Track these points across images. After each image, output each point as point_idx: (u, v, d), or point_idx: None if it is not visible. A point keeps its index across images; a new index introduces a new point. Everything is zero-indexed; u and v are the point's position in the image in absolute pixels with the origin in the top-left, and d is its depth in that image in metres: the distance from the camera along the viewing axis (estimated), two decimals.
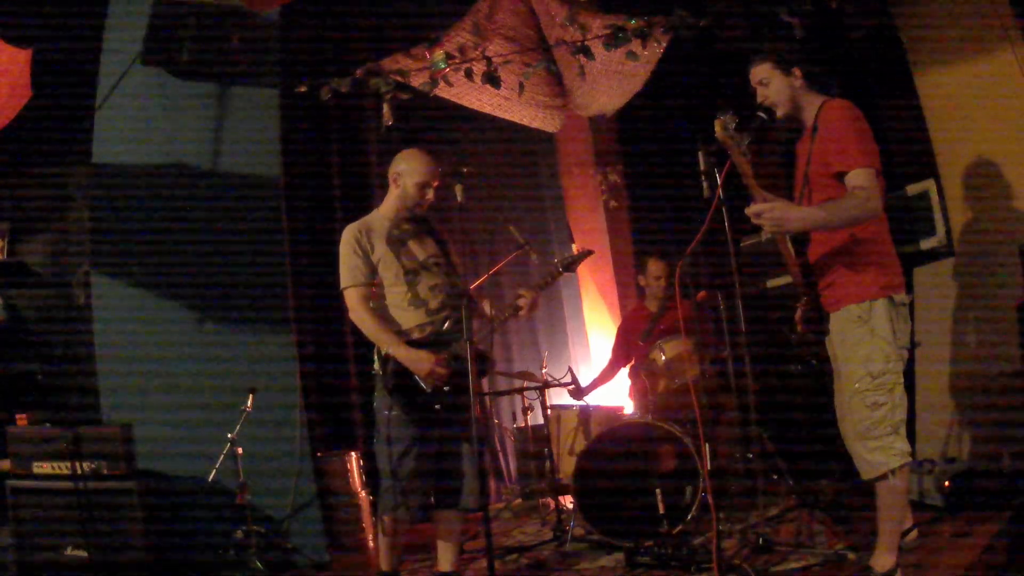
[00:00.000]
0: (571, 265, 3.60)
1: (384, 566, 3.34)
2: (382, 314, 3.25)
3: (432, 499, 3.30)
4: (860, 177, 2.72)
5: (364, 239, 3.26)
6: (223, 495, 3.95)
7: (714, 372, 4.56)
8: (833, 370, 2.99)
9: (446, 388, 3.18)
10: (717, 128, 2.71)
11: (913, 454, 2.85)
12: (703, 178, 2.98)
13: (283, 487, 4.27)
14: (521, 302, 3.40)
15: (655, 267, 4.90)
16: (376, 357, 3.25)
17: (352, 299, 3.23)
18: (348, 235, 3.27)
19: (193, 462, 4.04)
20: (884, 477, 2.74)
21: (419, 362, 3.14)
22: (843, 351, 2.86)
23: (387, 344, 3.17)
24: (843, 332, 2.84)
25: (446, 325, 3.28)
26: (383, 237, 3.29)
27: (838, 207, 2.73)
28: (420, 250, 3.36)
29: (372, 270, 3.25)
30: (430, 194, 3.37)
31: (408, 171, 3.35)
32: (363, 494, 4.51)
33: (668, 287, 4.79)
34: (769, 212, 2.69)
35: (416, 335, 3.23)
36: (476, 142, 6.03)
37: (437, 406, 3.18)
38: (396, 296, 3.27)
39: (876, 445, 2.75)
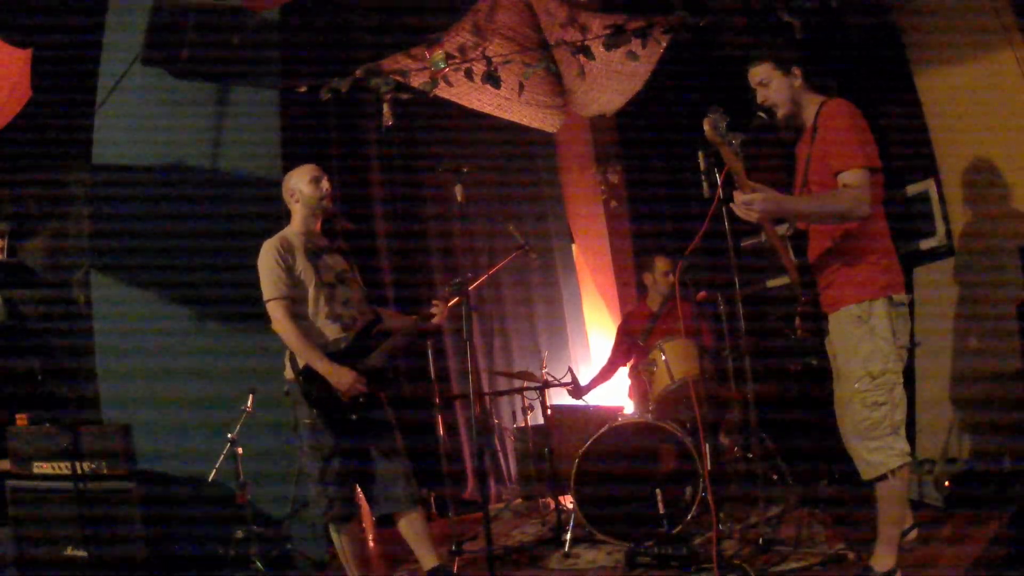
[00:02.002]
0: (455, 295, 3.47)
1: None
2: (304, 327, 3.27)
3: (351, 502, 3.36)
4: (852, 176, 2.73)
5: (286, 253, 3.29)
6: (223, 495, 3.95)
7: (714, 372, 4.55)
8: (833, 370, 2.99)
9: (361, 400, 3.24)
10: (706, 127, 2.71)
11: (913, 454, 2.85)
12: (703, 178, 2.99)
13: (283, 487, 4.27)
14: (435, 310, 3.48)
15: (663, 263, 4.90)
16: (290, 365, 3.27)
17: (276, 311, 3.25)
18: (269, 249, 3.30)
19: (193, 462, 4.04)
20: (884, 477, 2.74)
21: (340, 376, 3.19)
22: (843, 351, 2.85)
23: (310, 357, 3.20)
24: (843, 332, 2.84)
25: (357, 339, 3.34)
26: (301, 251, 3.33)
27: (820, 200, 2.77)
28: (334, 265, 3.42)
29: (294, 283, 3.28)
30: (325, 183, 3.43)
31: (296, 178, 3.44)
32: (363, 493, 4.50)
33: (671, 282, 4.81)
34: (759, 203, 2.70)
35: (332, 348, 3.27)
36: (476, 142, 6.03)
37: (353, 417, 3.23)
38: (315, 310, 3.31)
39: (876, 445, 2.75)
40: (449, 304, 3.53)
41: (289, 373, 3.29)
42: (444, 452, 4.83)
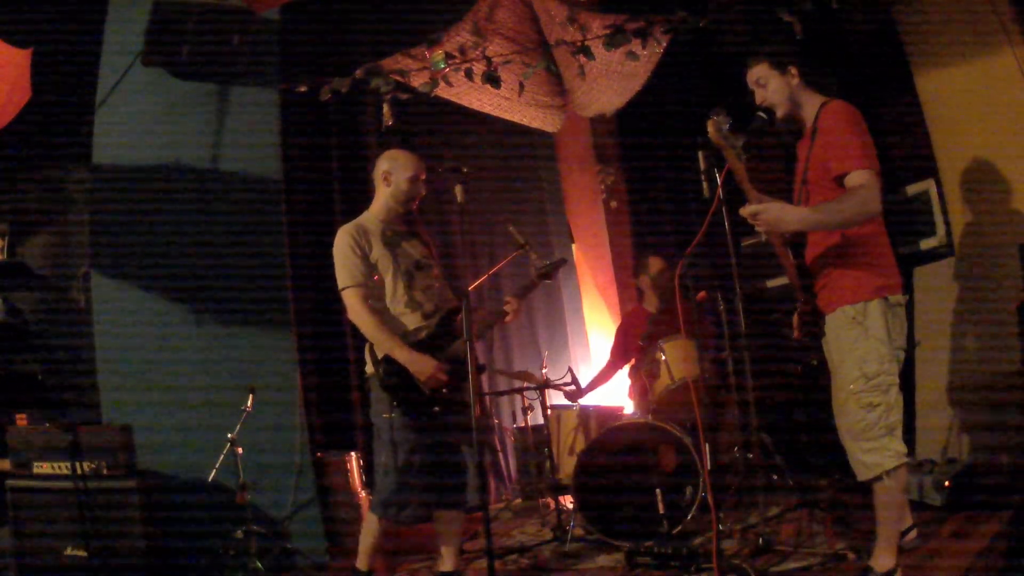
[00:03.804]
0: (548, 274, 3.58)
1: (362, 565, 3.30)
2: (383, 316, 3.22)
3: (434, 500, 3.26)
4: (861, 177, 2.71)
5: (362, 239, 3.23)
6: (223, 495, 3.95)
7: (714, 372, 4.56)
8: (830, 371, 2.98)
9: (444, 391, 3.16)
10: (710, 129, 2.71)
11: (913, 454, 2.85)
12: (703, 178, 2.99)
13: (283, 487, 4.28)
14: (508, 307, 3.41)
15: (657, 263, 4.90)
16: (369, 358, 3.21)
17: (352, 299, 3.18)
18: (345, 235, 3.24)
19: (193, 462, 4.04)
20: (879, 478, 2.73)
21: (422, 365, 3.11)
22: (838, 352, 2.85)
23: (389, 346, 3.13)
24: (838, 333, 2.83)
25: (439, 327, 3.27)
26: (379, 238, 3.27)
27: (836, 207, 2.72)
28: (413, 251, 3.35)
29: (371, 270, 3.22)
30: (422, 187, 3.39)
31: (398, 167, 3.36)
32: (363, 494, 4.51)
33: (672, 279, 4.81)
34: (764, 213, 2.69)
35: (411, 338, 3.20)
36: (476, 142, 6.02)
37: (436, 408, 3.16)
38: (393, 298, 3.25)
39: (871, 446, 2.74)
40: (524, 299, 3.48)
41: (369, 367, 3.21)
42: None
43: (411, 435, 3.15)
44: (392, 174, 3.36)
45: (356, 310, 3.18)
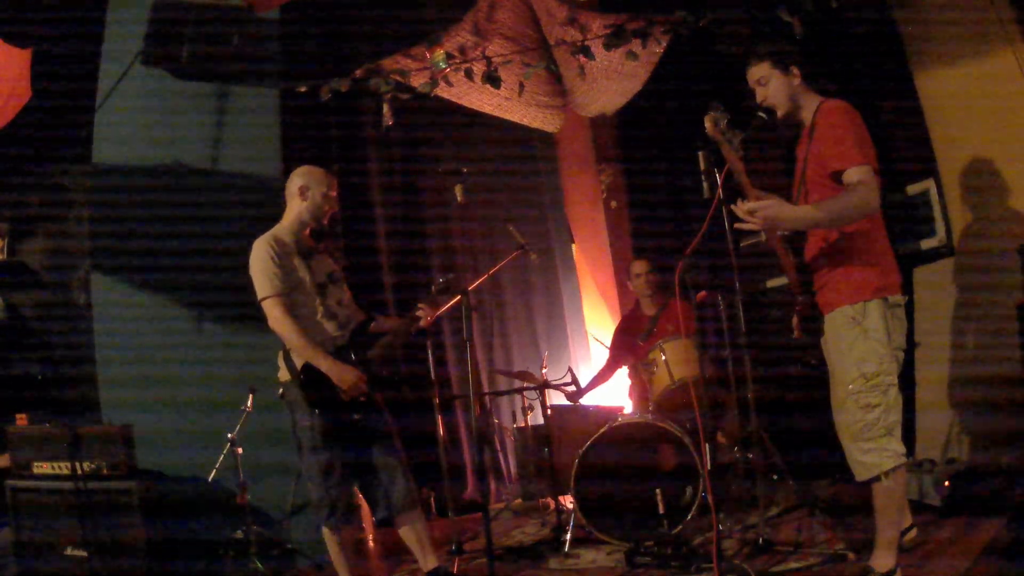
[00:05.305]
0: (440, 297, 3.59)
1: None
2: (304, 325, 3.24)
3: (364, 506, 3.34)
4: (858, 173, 2.70)
5: (281, 250, 3.26)
6: (223, 495, 3.95)
7: (714, 372, 4.55)
8: (829, 371, 2.98)
9: (362, 399, 3.21)
10: (707, 124, 2.71)
11: (913, 454, 2.84)
12: (703, 178, 2.99)
13: (283, 487, 4.27)
14: (420, 314, 3.47)
15: (636, 266, 4.94)
16: (285, 365, 3.24)
17: (274, 308, 3.20)
18: (262, 246, 3.25)
19: (193, 462, 4.05)
20: (878, 478, 2.73)
21: (343, 374, 3.16)
22: (837, 352, 2.84)
23: (311, 355, 3.17)
24: (837, 333, 2.83)
25: (354, 337, 3.32)
26: (295, 250, 3.32)
27: (834, 205, 2.71)
28: (324, 264, 3.42)
29: (291, 281, 3.25)
30: (335, 203, 3.46)
31: (314, 182, 3.42)
32: (362, 495, 4.50)
33: (648, 284, 4.84)
34: (763, 210, 2.68)
35: (329, 346, 3.24)
36: (476, 142, 6.02)
37: (356, 416, 3.21)
38: (311, 308, 3.29)
39: (870, 447, 2.74)
40: (438, 307, 3.52)
41: (284, 374, 3.26)
42: (444, 452, 4.83)
43: (330, 442, 3.20)
44: (309, 189, 3.41)
45: (278, 319, 3.20)
